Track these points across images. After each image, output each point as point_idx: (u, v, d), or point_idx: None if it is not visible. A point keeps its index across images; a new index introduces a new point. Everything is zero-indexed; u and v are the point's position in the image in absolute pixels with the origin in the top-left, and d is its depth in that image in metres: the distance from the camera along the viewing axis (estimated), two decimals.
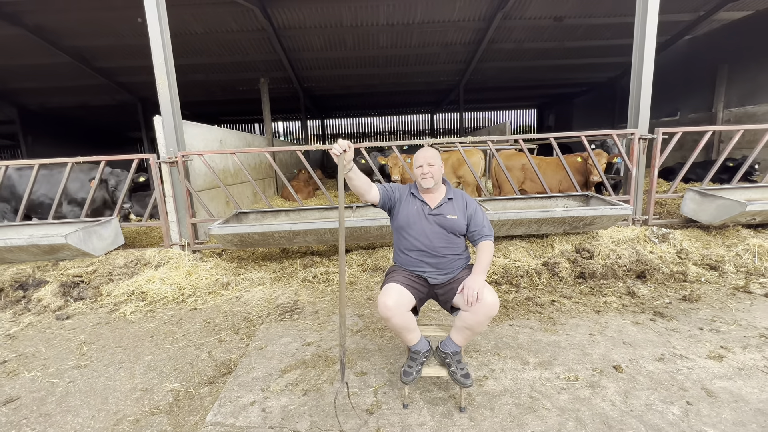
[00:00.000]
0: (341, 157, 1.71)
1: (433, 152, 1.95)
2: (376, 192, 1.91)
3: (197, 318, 3.07)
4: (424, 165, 1.91)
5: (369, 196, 1.91)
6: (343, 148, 1.70)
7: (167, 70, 4.03)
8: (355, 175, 1.82)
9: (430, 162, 1.91)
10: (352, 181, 1.84)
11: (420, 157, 1.93)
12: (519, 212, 3.56)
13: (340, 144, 1.70)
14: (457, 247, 1.95)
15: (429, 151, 1.95)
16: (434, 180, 1.93)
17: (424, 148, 1.99)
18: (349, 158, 1.75)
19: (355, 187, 1.87)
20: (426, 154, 1.93)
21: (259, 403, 1.98)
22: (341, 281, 1.77)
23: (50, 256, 3.74)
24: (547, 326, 2.71)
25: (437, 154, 1.95)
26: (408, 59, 11.06)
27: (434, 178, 1.93)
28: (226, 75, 11.22)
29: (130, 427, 1.86)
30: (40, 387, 2.21)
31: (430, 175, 1.91)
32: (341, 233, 1.77)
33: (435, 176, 1.93)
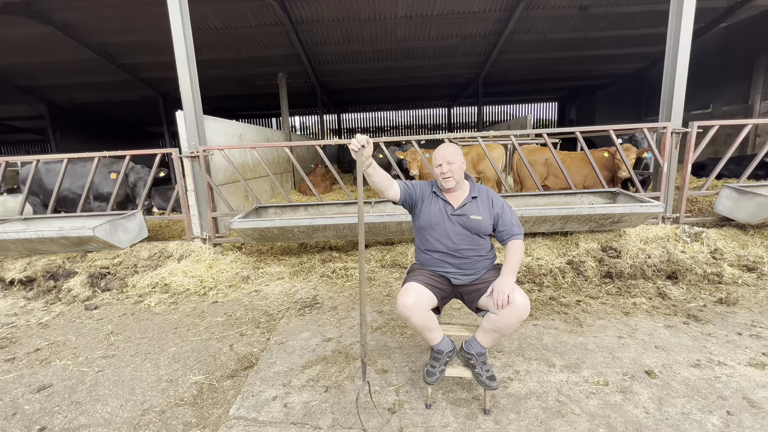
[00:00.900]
0: (360, 153, 1.66)
1: (454, 149, 1.87)
2: (396, 189, 1.86)
3: (219, 311, 3.11)
4: (444, 164, 1.83)
5: (389, 194, 1.85)
6: (362, 144, 1.65)
7: (189, 65, 4.07)
8: (375, 171, 1.76)
9: (449, 160, 1.83)
10: (371, 177, 1.78)
11: (438, 156, 1.86)
12: (543, 209, 3.45)
13: (359, 139, 1.65)
14: (481, 248, 1.88)
15: (449, 148, 1.86)
16: (455, 179, 1.85)
17: (443, 144, 1.91)
18: (368, 154, 1.70)
19: (374, 184, 1.81)
20: (445, 151, 1.85)
21: (281, 399, 1.99)
22: (361, 279, 1.74)
23: (79, 248, 3.86)
24: (573, 327, 2.62)
25: (457, 151, 1.87)
26: (426, 52, 10.90)
27: (455, 177, 1.84)
28: (245, 70, 11.31)
29: (157, 417, 1.89)
30: (71, 375, 2.28)
31: (450, 174, 1.83)
32: (360, 230, 1.73)
33: (456, 175, 1.84)
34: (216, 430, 1.79)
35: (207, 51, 9.90)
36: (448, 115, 19.35)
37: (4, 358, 2.51)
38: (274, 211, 4.25)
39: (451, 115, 19.38)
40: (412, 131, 19.89)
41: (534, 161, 4.93)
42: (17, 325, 3.00)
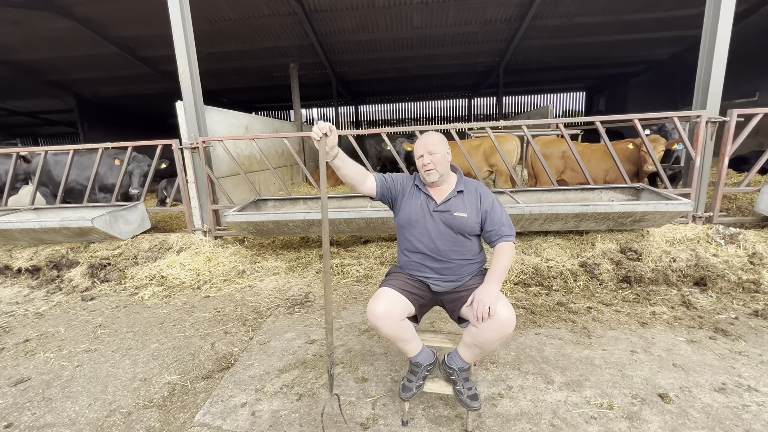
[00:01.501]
0: (322, 142, 1.49)
1: (436, 138, 1.66)
2: (372, 183, 1.67)
3: (209, 306, 3.05)
4: (425, 155, 1.63)
5: (363, 188, 1.66)
6: (323, 132, 1.47)
7: (188, 56, 4.00)
8: (343, 163, 1.58)
9: (431, 150, 1.62)
10: (340, 170, 1.60)
11: (420, 146, 1.65)
12: (554, 206, 3.16)
13: (320, 127, 1.47)
14: (466, 251, 1.67)
15: (431, 137, 1.65)
16: (438, 172, 1.65)
17: (426, 133, 1.70)
18: (332, 143, 1.52)
19: (345, 177, 1.63)
20: (427, 140, 1.64)
21: (251, 405, 1.87)
22: (326, 284, 1.58)
23: (82, 239, 3.90)
24: (579, 338, 2.37)
25: (440, 140, 1.66)
26: (443, 39, 10.49)
27: (438, 169, 1.64)
28: (261, 61, 11.28)
29: (122, 419, 1.82)
30: (50, 369, 2.26)
31: (433, 166, 1.63)
32: (324, 228, 1.55)
33: (439, 167, 1.64)
34: None
35: (223, 42, 9.92)
36: (469, 106, 18.78)
37: None
38: (273, 204, 4.15)
39: (472, 106, 18.80)
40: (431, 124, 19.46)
41: (550, 154, 4.59)
42: (15, 314, 3.04)
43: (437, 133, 1.72)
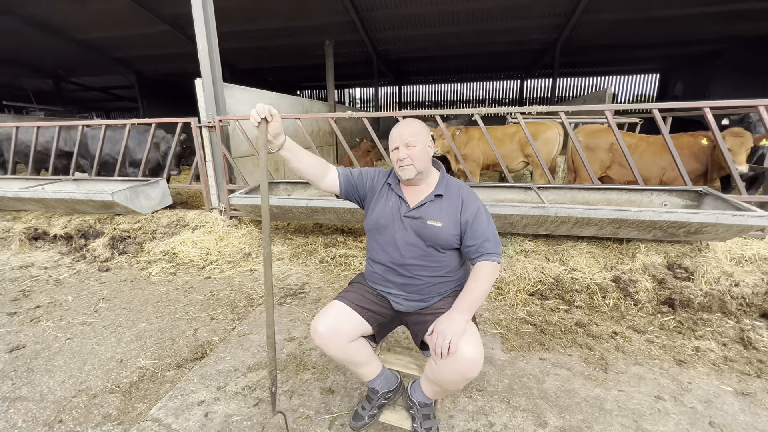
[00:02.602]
0: (261, 128, 1.26)
1: (416, 127, 1.35)
2: (334, 180, 1.42)
3: (206, 288, 3.04)
4: (401, 147, 1.34)
5: (323, 184, 1.42)
6: (263, 116, 1.24)
7: (208, 32, 3.93)
8: (293, 155, 1.34)
9: (408, 141, 1.33)
10: (290, 164, 1.36)
11: (395, 136, 1.36)
12: (585, 208, 2.70)
13: (258, 110, 1.23)
14: (438, 267, 1.38)
15: (409, 126, 1.35)
16: (416, 168, 1.35)
17: (404, 121, 1.40)
18: (275, 131, 1.28)
19: (297, 171, 1.39)
20: (404, 129, 1.35)
21: (207, 405, 1.77)
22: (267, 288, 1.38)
23: (107, 211, 4.10)
24: (593, 371, 1.99)
25: (420, 130, 1.35)
26: (493, 13, 9.63)
27: (416, 165, 1.35)
28: (302, 39, 11.19)
29: (85, 402, 1.82)
30: (45, 339, 2.35)
31: (410, 161, 1.34)
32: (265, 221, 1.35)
33: (417, 163, 1.35)
34: (127, 429, 1.64)
35: (265, 19, 9.93)
36: (520, 88, 17.44)
37: (9, 310, 2.71)
38: (284, 188, 4.05)
39: (524, 88, 17.45)
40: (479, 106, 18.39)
41: (594, 145, 3.98)
42: (39, 279, 3.26)
43: (417, 120, 1.42)
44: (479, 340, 1.20)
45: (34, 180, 4.69)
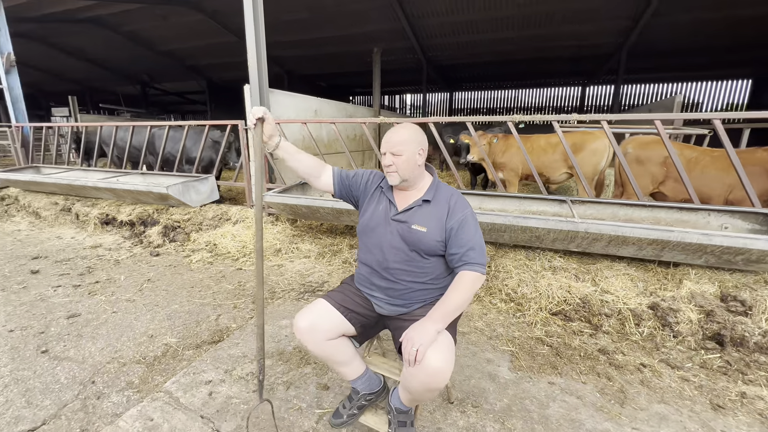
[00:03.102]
0: (257, 129, 1.34)
1: (406, 135, 1.36)
2: (328, 179, 1.48)
3: (235, 278, 3.26)
4: (387, 154, 1.36)
5: (319, 183, 1.49)
6: (258, 116, 1.32)
7: (257, 44, 4.24)
8: (289, 155, 1.42)
9: (395, 150, 1.34)
10: (286, 163, 1.45)
11: (384, 141, 1.38)
12: (620, 226, 2.48)
13: (254, 112, 1.32)
14: (421, 273, 1.36)
15: (399, 133, 1.36)
16: (400, 176, 1.38)
17: (395, 127, 1.41)
18: (269, 132, 1.36)
19: (295, 170, 1.47)
20: (392, 137, 1.36)
21: (213, 385, 1.92)
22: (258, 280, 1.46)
23: (164, 202, 4.57)
24: (607, 402, 1.82)
25: (410, 139, 1.35)
26: (553, 18, 9.18)
27: (399, 173, 1.37)
28: (354, 46, 11.55)
29: (115, 368, 2.05)
30: (96, 310, 2.69)
31: (394, 169, 1.36)
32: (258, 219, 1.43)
33: (402, 171, 1.36)
34: (143, 398, 1.83)
35: (320, 29, 10.44)
36: (582, 95, 16.35)
37: (75, 283, 3.14)
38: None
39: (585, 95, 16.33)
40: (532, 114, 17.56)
41: (646, 158, 3.62)
42: (103, 258, 3.73)
43: (411, 127, 1.42)
44: (449, 352, 1.17)
45: (110, 172, 5.38)
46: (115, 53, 13.13)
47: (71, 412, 1.74)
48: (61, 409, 1.75)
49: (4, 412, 1.73)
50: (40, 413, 1.72)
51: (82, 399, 1.82)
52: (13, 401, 1.79)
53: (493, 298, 2.84)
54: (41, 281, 3.18)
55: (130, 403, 1.80)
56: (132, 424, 1.66)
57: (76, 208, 4.96)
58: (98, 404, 1.79)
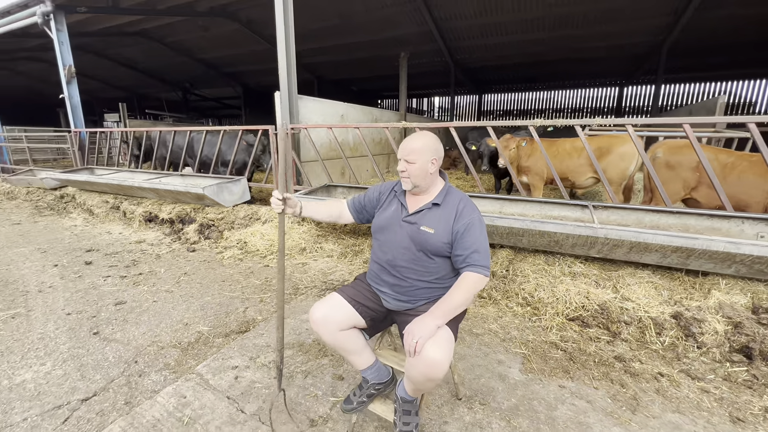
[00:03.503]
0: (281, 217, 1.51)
1: (420, 144, 1.44)
2: (346, 212, 1.69)
3: (263, 275, 3.47)
4: (402, 160, 1.47)
5: (342, 220, 1.71)
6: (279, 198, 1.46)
7: (287, 53, 4.47)
8: (314, 210, 1.61)
9: (409, 158, 1.45)
10: (315, 216, 1.64)
11: (400, 149, 1.49)
12: (640, 232, 2.45)
13: (276, 199, 1.46)
14: (426, 272, 1.45)
15: (413, 142, 1.46)
16: (412, 183, 1.48)
17: (412, 135, 1.51)
18: (293, 204, 1.52)
19: (322, 221, 1.66)
20: (407, 145, 1.47)
21: (239, 370, 2.09)
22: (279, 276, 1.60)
23: (200, 202, 4.91)
24: (618, 408, 1.82)
25: (424, 148, 1.44)
26: (587, 17, 8.91)
27: (412, 180, 1.47)
28: (382, 51, 11.72)
29: (154, 351, 2.28)
30: (139, 299, 2.97)
31: (407, 175, 1.47)
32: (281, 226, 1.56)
33: (414, 177, 1.47)
34: (178, 378, 2.03)
35: (350, 35, 10.70)
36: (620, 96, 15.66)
37: (121, 274, 3.47)
38: (341, 191, 4.38)
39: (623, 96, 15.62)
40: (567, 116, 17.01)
41: (677, 163, 3.49)
42: (146, 252, 4.07)
43: (426, 136, 1.50)
44: (447, 345, 1.25)
45: (154, 174, 5.83)
46: (161, 62, 14.09)
47: (117, 386, 1.96)
48: (109, 384, 1.98)
49: (63, 382, 1.98)
50: (92, 386, 1.96)
51: (127, 376, 2.04)
52: (69, 374, 2.05)
53: (510, 301, 2.86)
54: (93, 271, 3.54)
55: (167, 381, 2.00)
56: (168, 399, 1.85)
57: (123, 207, 5.42)
58: (140, 381, 2.00)
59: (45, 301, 2.92)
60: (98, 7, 7.77)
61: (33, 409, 1.80)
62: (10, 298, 2.98)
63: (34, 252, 4.08)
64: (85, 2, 7.29)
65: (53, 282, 3.29)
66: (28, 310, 2.79)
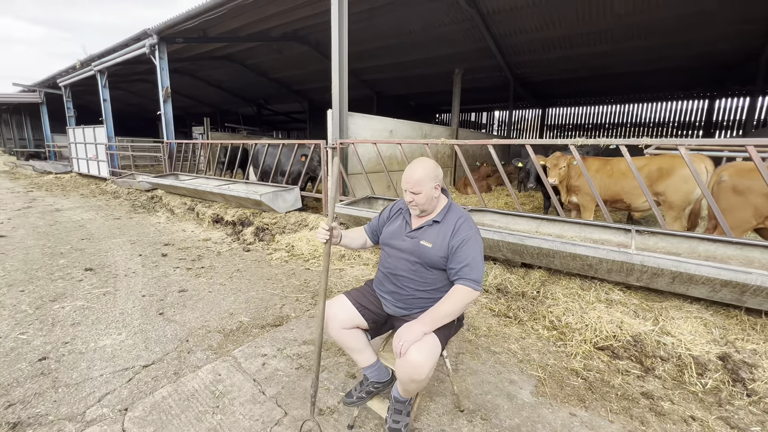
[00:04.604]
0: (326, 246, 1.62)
1: (421, 174, 1.56)
2: (368, 239, 1.86)
3: (303, 277, 3.79)
4: (408, 192, 1.60)
5: (368, 245, 1.89)
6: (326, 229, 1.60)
7: (340, 74, 4.87)
8: (349, 240, 1.79)
9: (414, 190, 1.57)
10: (349, 247, 1.83)
11: (404, 181, 1.61)
12: (681, 261, 2.27)
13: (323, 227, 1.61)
14: (424, 283, 1.56)
15: (415, 173, 1.57)
16: (420, 209, 1.63)
17: (412, 166, 1.60)
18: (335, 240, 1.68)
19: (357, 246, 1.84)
20: (411, 177, 1.58)
21: (267, 358, 2.36)
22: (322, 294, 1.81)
23: (258, 207, 5.47)
24: None
25: (425, 177, 1.56)
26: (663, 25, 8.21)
27: (420, 207, 1.62)
28: (440, 67, 11.92)
29: (202, 333, 2.65)
30: (198, 288, 3.44)
31: (415, 204, 1.61)
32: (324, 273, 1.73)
33: (421, 205, 1.61)
34: (217, 358, 2.35)
35: (409, 53, 11.09)
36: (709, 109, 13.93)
37: (187, 266, 4.03)
38: (381, 203, 4.59)
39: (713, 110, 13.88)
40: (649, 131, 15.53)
41: (746, 188, 3.11)
42: (209, 249, 4.66)
43: (426, 165, 1.60)
44: (430, 350, 1.34)
45: (223, 181, 6.61)
46: (241, 82, 15.84)
47: (170, 359, 2.34)
48: (165, 356, 2.37)
49: (131, 350, 2.41)
50: (152, 356, 2.36)
51: (179, 351, 2.42)
52: (137, 344, 2.49)
53: (536, 323, 2.79)
54: (167, 262, 4.15)
55: (208, 360, 2.33)
56: (206, 375, 2.17)
57: (197, 208, 6.23)
58: (188, 357, 2.36)
59: (128, 284, 3.52)
60: (192, 38, 9.10)
61: (108, 368, 2.23)
62: (104, 278, 3.65)
63: (126, 243, 4.90)
64: (182, 34, 8.60)
65: (136, 268, 3.94)
66: (116, 289, 3.39)
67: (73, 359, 2.31)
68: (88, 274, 3.74)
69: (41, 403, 1.93)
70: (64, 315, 2.88)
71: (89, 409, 1.89)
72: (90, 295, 3.26)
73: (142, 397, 1.99)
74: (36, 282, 3.52)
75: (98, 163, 10.99)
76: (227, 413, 1.87)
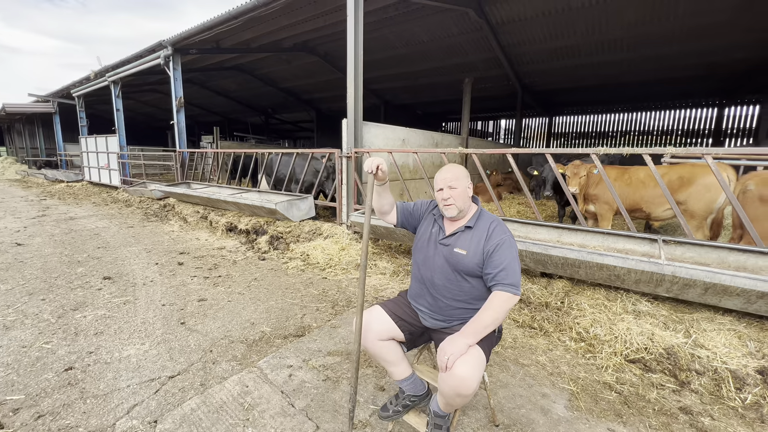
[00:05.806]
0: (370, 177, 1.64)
1: (457, 171, 1.59)
2: (394, 214, 1.79)
3: (320, 286, 3.76)
4: (444, 188, 1.60)
5: (389, 217, 1.80)
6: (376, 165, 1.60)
7: (355, 82, 4.89)
8: (386, 192, 1.73)
9: (452, 185, 1.57)
10: (380, 196, 1.73)
11: (439, 179, 1.62)
12: (714, 272, 2.23)
13: (372, 162, 1.61)
14: (462, 293, 1.54)
15: (451, 170, 1.60)
16: (458, 207, 1.59)
17: (446, 166, 1.64)
18: (382, 177, 1.64)
19: (380, 205, 1.76)
20: (446, 174, 1.60)
21: (293, 369, 2.33)
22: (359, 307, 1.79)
23: (272, 216, 5.47)
24: None
25: (461, 174, 1.58)
26: (672, 35, 8.24)
27: (457, 204, 1.58)
28: (447, 77, 12.02)
29: (225, 344, 2.63)
30: (217, 297, 3.43)
31: (452, 201, 1.58)
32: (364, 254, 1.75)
33: (458, 202, 1.58)
34: (242, 369, 2.33)
35: (417, 62, 11.20)
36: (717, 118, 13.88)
37: (204, 275, 4.02)
38: None
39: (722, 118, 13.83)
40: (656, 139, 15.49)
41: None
42: (225, 257, 4.66)
43: (458, 166, 1.66)
44: (477, 364, 1.31)
45: (236, 189, 6.64)
46: (250, 92, 16.05)
47: (195, 369, 2.32)
48: (190, 366, 2.34)
49: (156, 361, 2.40)
50: (177, 366, 2.34)
51: (203, 362, 2.40)
52: (161, 355, 2.47)
53: (562, 335, 2.75)
54: (184, 271, 4.15)
55: (234, 371, 2.31)
56: (233, 386, 2.14)
57: (210, 217, 6.25)
58: (213, 368, 2.34)
59: (147, 293, 3.52)
60: (206, 49, 9.24)
61: (134, 378, 2.21)
62: (123, 287, 3.65)
63: (141, 251, 4.91)
64: (196, 45, 8.75)
65: (153, 277, 3.94)
66: (135, 298, 3.39)
67: (99, 369, 2.29)
68: (106, 283, 3.74)
69: (70, 415, 1.91)
70: (87, 324, 2.87)
71: (119, 421, 1.87)
72: (110, 304, 3.26)
73: (170, 408, 1.97)
74: (56, 290, 3.52)
75: (110, 172, 11.11)
76: (258, 426, 1.84)
